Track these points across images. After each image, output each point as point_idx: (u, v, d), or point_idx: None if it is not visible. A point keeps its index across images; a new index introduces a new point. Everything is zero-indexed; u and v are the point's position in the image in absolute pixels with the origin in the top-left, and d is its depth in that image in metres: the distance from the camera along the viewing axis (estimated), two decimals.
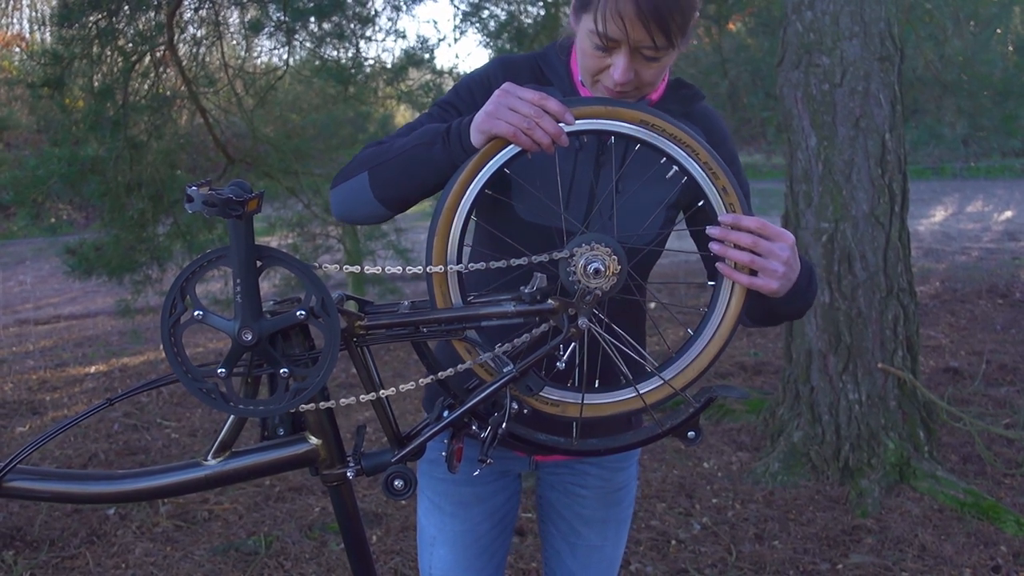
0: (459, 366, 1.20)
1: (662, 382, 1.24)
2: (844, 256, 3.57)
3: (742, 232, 1.18)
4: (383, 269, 1.20)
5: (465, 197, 1.20)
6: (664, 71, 1.31)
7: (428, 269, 1.20)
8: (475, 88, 1.43)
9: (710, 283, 1.24)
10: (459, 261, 1.20)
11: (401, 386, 1.22)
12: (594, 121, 1.18)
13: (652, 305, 1.44)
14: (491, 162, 1.20)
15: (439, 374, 1.20)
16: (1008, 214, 13.30)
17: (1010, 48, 10.76)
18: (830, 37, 3.51)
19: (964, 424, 3.90)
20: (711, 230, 1.19)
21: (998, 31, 10.55)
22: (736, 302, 1.22)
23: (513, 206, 1.41)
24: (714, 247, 1.20)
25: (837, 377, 3.63)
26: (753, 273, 1.19)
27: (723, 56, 8.21)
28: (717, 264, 1.20)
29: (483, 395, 1.18)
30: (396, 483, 1.19)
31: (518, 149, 1.18)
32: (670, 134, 1.18)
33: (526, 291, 1.17)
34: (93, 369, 6.50)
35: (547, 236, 1.36)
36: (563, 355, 1.17)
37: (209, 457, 1.22)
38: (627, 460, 1.64)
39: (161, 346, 1.10)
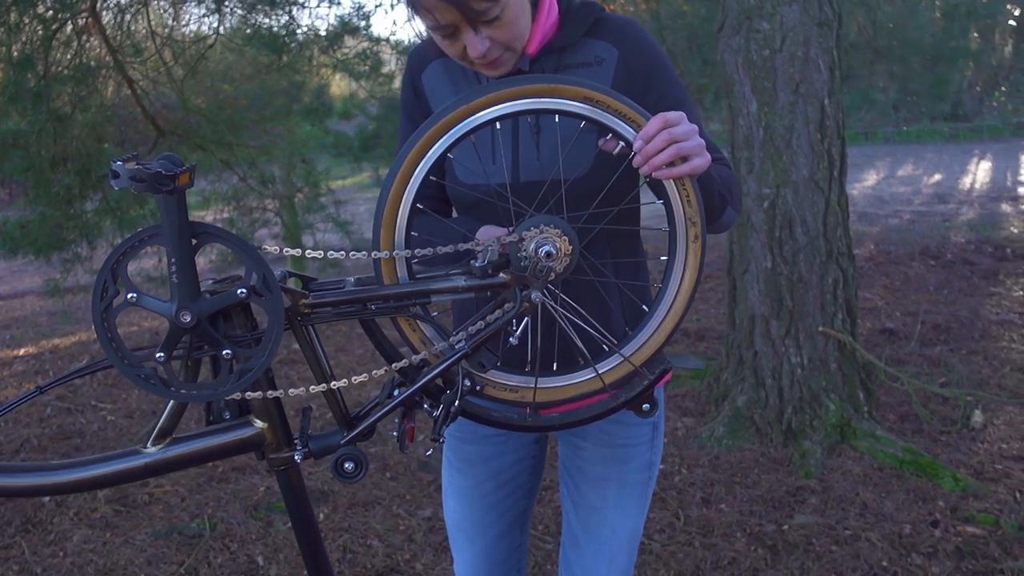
0: (413, 357, 1.16)
1: (621, 359, 1.22)
2: (785, 221, 3.61)
3: (655, 139, 1.13)
4: (326, 254, 1.15)
5: (409, 186, 1.15)
6: (517, 22, 1.29)
7: (374, 255, 1.15)
8: (408, 91, 1.52)
9: (663, 257, 1.22)
10: (406, 247, 1.16)
11: (354, 378, 1.17)
12: (538, 100, 1.14)
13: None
14: (434, 147, 1.15)
15: (394, 365, 1.16)
16: (937, 177, 13.66)
17: (938, 15, 11.00)
18: (770, 2, 3.51)
19: (901, 384, 4.00)
20: (635, 160, 1.16)
21: None
22: (691, 274, 1.20)
23: (456, 179, 1.42)
24: (644, 170, 1.16)
25: (779, 341, 3.68)
26: (683, 160, 1.15)
27: (660, 23, 8.21)
28: (655, 174, 1.15)
29: (434, 373, 1.15)
30: (346, 465, 1.16)
31: (462, 132, 1.14)
32: (615, 109, 1.15)
33: (477, 265, 1.14)
34: (22, 351, 6.29)
35: (487, 203, 1.37)
36: (516, 330, 1.14)
37: (149, 444, 1.17)
38: (634, 416, 1.54)
39: (93, 327, 1.04)
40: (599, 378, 1.22)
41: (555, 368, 1.24)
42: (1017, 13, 20.00)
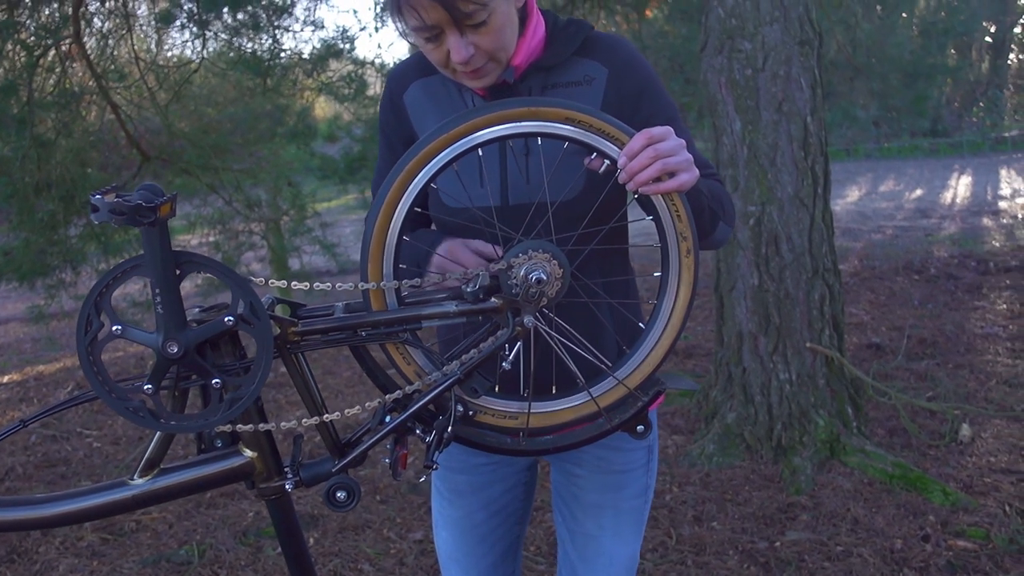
0: (407, 388, 1.16)
1: (615, 383, 1.21)
2: (771, 238, 3.62)
3: (639, 155, 1.13)
4: (312, 286, 1.15)
5: (394, 220, 1.14)
6: (503, 31, 1.27)
7: (361, 286, 1.14)
8: (387, 113, 1.49)
9: (656, 274, 1.22)
10: (394, 278, 1.16)
11: (348, 411, 1.16)
12: (519, 124, 1.14)
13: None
14: (417, 178, 1.14)
15: (387, 397, 1.15)
16: (919, 192, 13.77)
17: (915, 32, 11.13)
18: (751, 22, 3.54)
19: (889, 399, 4.01)
20: (620, 177, 1.15)
21: (904, 15, 10.89)
22: (685, 290, 1.20)
23: (442, 205, 1.40)
24: (630, 186, 1.15)
25: (768, 358, 3.68)
26: (670, 176, 1.14)
27: (642, 43, 8.26)
28: (642, 190, 1.15)
29: (426, 399, 1.14)
30: (339, 495, 1.15)
31: (444, 162, 1.14)
32: (598, 128, 1.14)
33: (468, 290, 1.13)
34: (6, 379, 6.23)
35: (474, 229, 1.35)
36: (509, 355, 1.13)
37: (136, 476, 1.15)
38: (631, 441, 1.51)
39: (79, 360, 1.03)
40: (593, 402, 1.21)
41: (554, 392, 1.23)
42: (993, 30, 20.29)
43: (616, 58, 1.38)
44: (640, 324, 1.24)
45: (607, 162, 1.16)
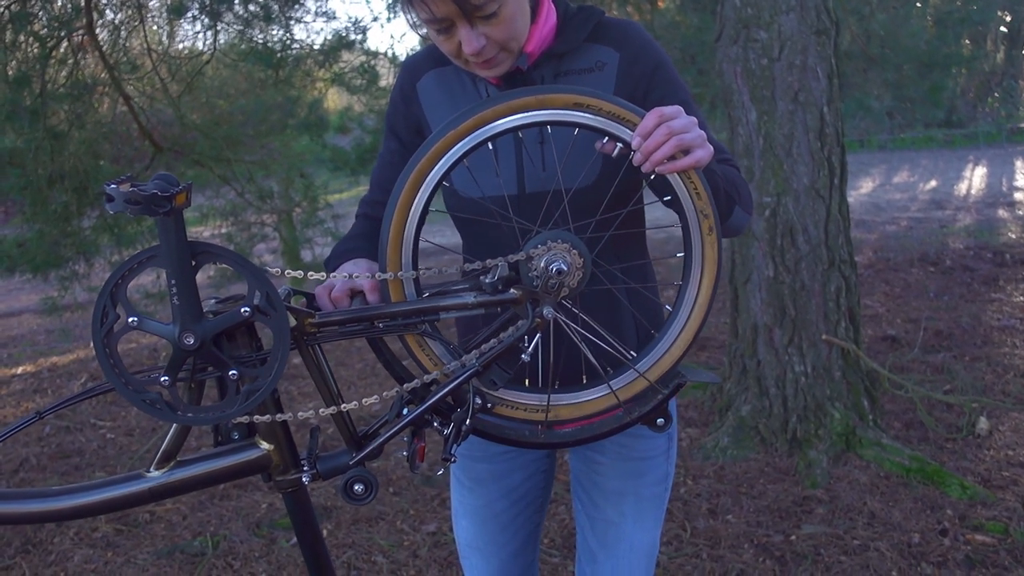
0: (425, 377, 1.14)
1: (636, 375, 1.19)
2: (787, 230, 3.59)
3: (653, 134, 1.11)
4: (328, 277, 1.13)
5: (410, 218, 1.13)
6: (515, 21, 1.26)
7: (378, 276, 1.13)
8: (397, 102, 1.49)
9: (679, 255, 1.19)
10: (413, 268, 1.14)
11: (365, 400, 1.15)
12: (529, 114, 1.12)
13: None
14: (430, 175, 1.12)
15: (404, 386, 1.14)
16: (933, 183, 13.67)
17: (930, 22, 11.01)
18: (767, 11, 3.50)
19: (906, 391, 3.98)
20: (636, 158, 1.13)
21: (918, 5, 10.78)
22: (710, 269, 1.17)
23: (457, 195, 1.40)
24: (646, 167, 1.13)
25: (783, 350, 3.66)
26: (685, 153, 1.13)
27: (655, 34, 8.22)
28: (658, 169, 1.13)
29: (444, 391, 1.13)
30: (356, 487, 1.13)
31: (456, 157, 1.13)
32: (607, 112, 1.12)
33: (487, 281, 1.12)
34: (20, 370, 6.25)
35: (488, 219, 1.33)
36: (528, 347, 1.12)
37: (152, 468, 1.15)
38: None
39: (95, 351, 1.01)
40: (614, 395, 1.20)
41: (574, 384, 1.22)
42: (1009, 20, 20.10)
43: (628, 42, 1.37)
44: (667, 307, 1.22)
45: (619, 145, 1.14)
